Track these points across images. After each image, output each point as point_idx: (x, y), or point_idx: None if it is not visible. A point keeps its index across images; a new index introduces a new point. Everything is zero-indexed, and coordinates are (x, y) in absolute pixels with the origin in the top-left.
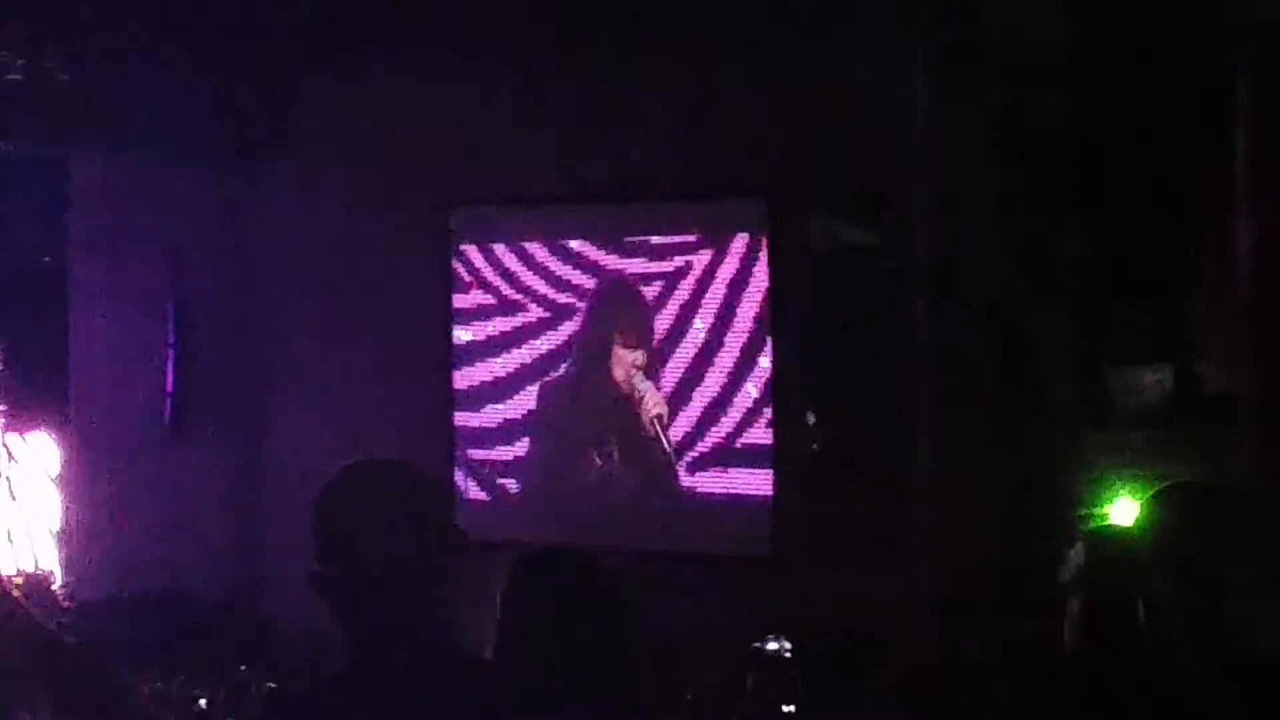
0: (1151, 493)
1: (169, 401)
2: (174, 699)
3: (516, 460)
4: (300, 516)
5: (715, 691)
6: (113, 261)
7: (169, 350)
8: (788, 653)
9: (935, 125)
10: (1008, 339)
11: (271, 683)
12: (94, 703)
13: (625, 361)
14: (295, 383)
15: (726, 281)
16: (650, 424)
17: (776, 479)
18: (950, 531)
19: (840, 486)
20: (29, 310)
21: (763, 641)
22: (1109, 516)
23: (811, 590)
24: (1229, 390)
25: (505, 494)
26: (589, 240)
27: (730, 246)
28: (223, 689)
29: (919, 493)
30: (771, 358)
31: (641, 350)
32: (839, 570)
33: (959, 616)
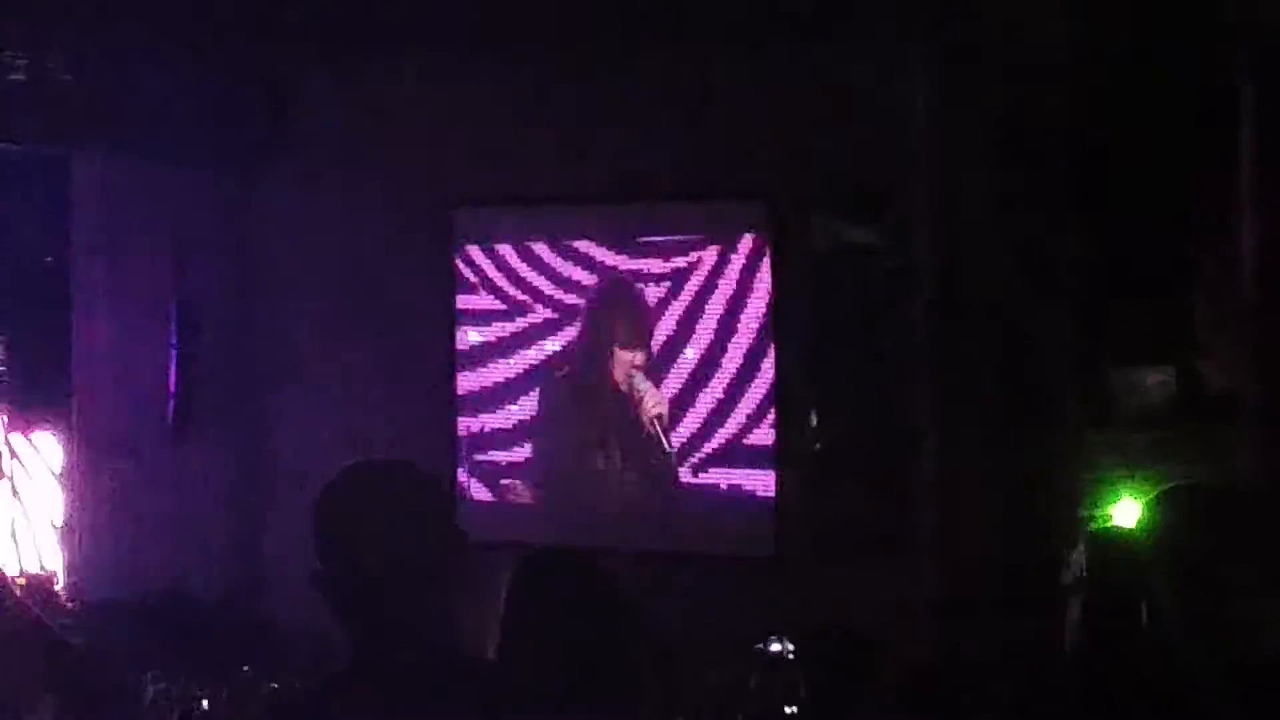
0: (1154, 494)
1: (171, 401)
2: (176, 699)
3: (520, 461)
4: (302, 517)
5: (717, 692)
6: (115, 262)
7: (171, 350)
8: (790, 654)
9: (936, 125)
10: (1009, 339)
11: (273, 683)
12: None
13: (625, 362)
14: (297, 383)
15: (728, 282)
16: (650, 424)
17: (779, 479)
18: (952, 532)
19: (842, 487)
20: (32, 310)
21: (765, 642)
22: (1111, 517)
23: (814, 591)
24: (1231, 390)
25: (509, 495)
26: (591, 240)
27: (732, 247)
28: (225, 689)
29: (921, 493)
30: (774, 358)
31: (641, 350)
32: (841, 571)
33: (961, 617)
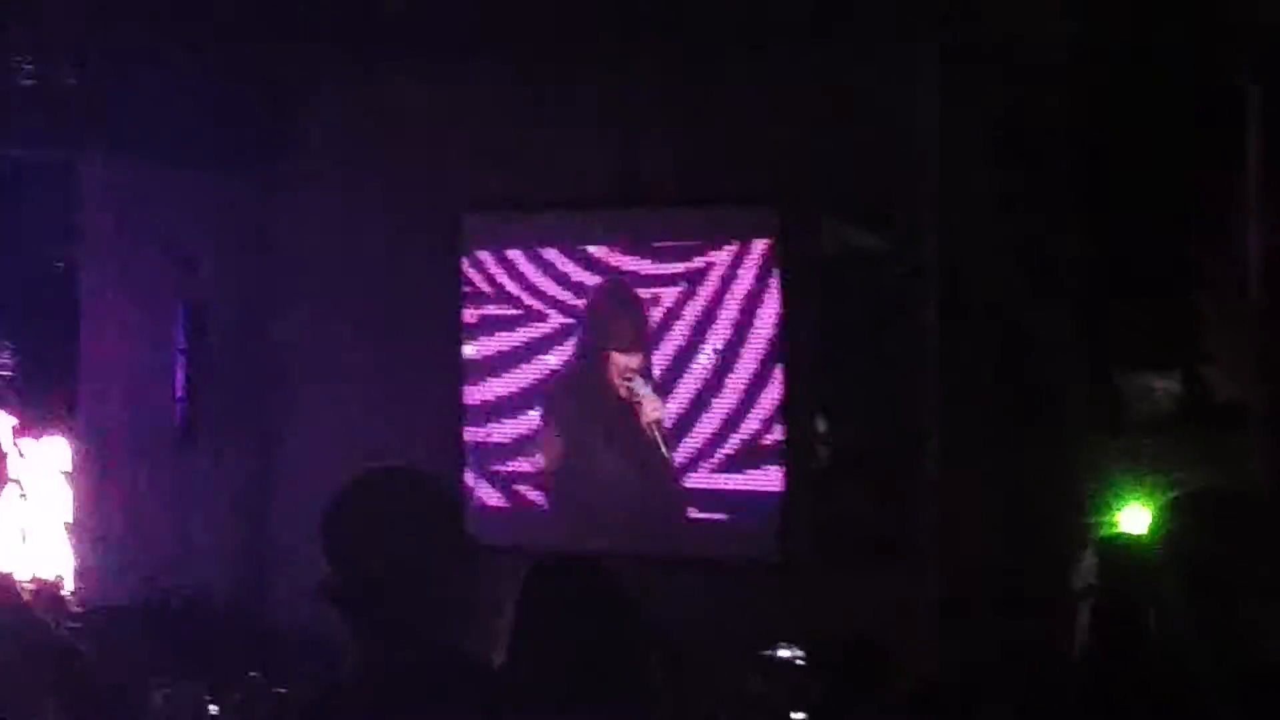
0: (1163, 499)
1: (179, 406)
2: (184, 705)
3: (526, 466)
4: (310, 522)
5: (725, 699)
6: (122, 266)
7: (179, 355)
8: (798, 660)
9: (943, 129)
10: (1017, 344)
11: (282, 688)
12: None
13: (621, 366)
14: (306, 388)
15: (736, 287)
16: (649, 429)
17: (786, 484)
18: (959, 537)
19: (850, 491)
20: (40, 315)
21: (773, 648)
22: (1120, 523)
23: (822, 597)
24: (1239, 396)
25: (515, 499)
26: (596, 245)
27: (740, 252)
28: (233, 694)
29: (929, 498)
30: (781, 362)
31: (638, 355)
32: (849, 576)
33: (969, 623)
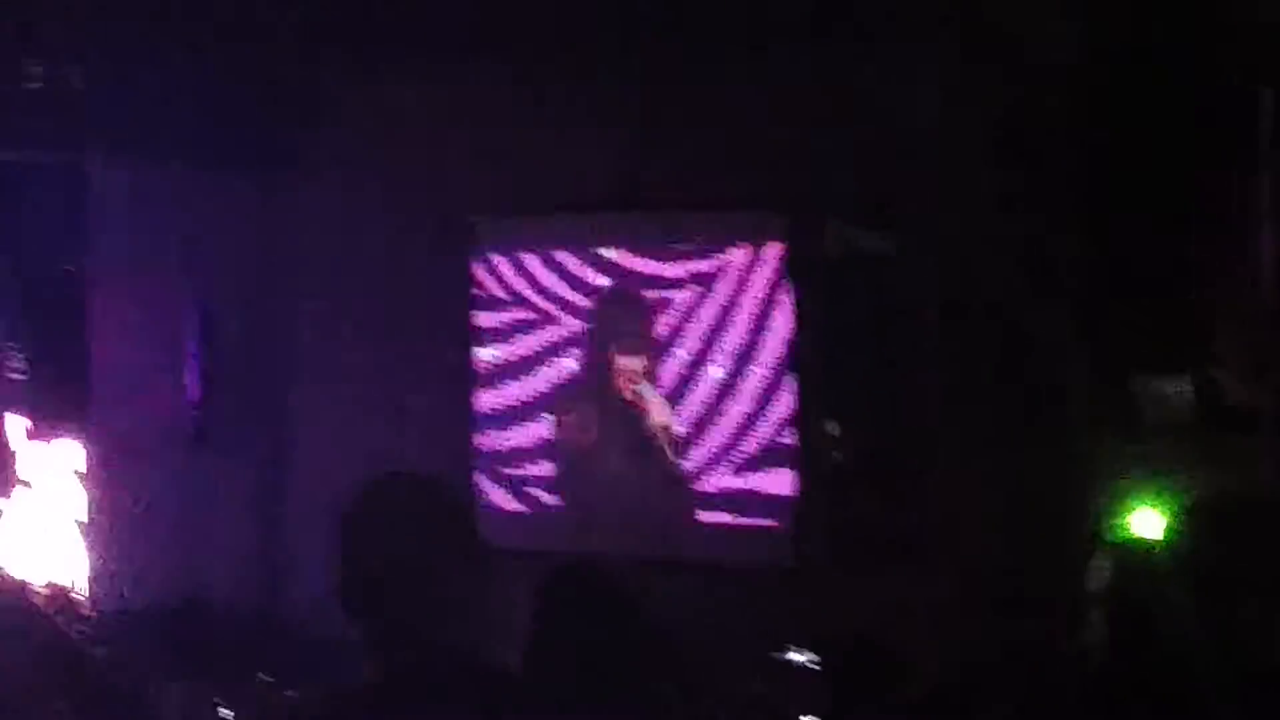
0: (1176, 503)
1: (191, 410)
2: (196, 708)
3: (536, 469)
4: (322, 525)
5: (735, 702)
6: (133, 269)
7: (191, 359)
8: (809, 664)
9: (948, 131)
10: (1027, 347)
11: (294, 691)
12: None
13: (626, 369)
14: (319, 392)
15: (745, 289)
16: (655, 432)
17: (798, 487)
18: (971, 541)
19: (862, 495)
20: (51, 319)
21: (783, 652)
22: (1131, 527)
23: (833, 600)
24: (1250, 399)
25: (526, 504)
26: (606, 248)
27: (750, 254)
28: (245, 699)
29: (940, 501)
30: (792, 366)
31: (644, 357)
32: (861, 580)
33: (980, 626)
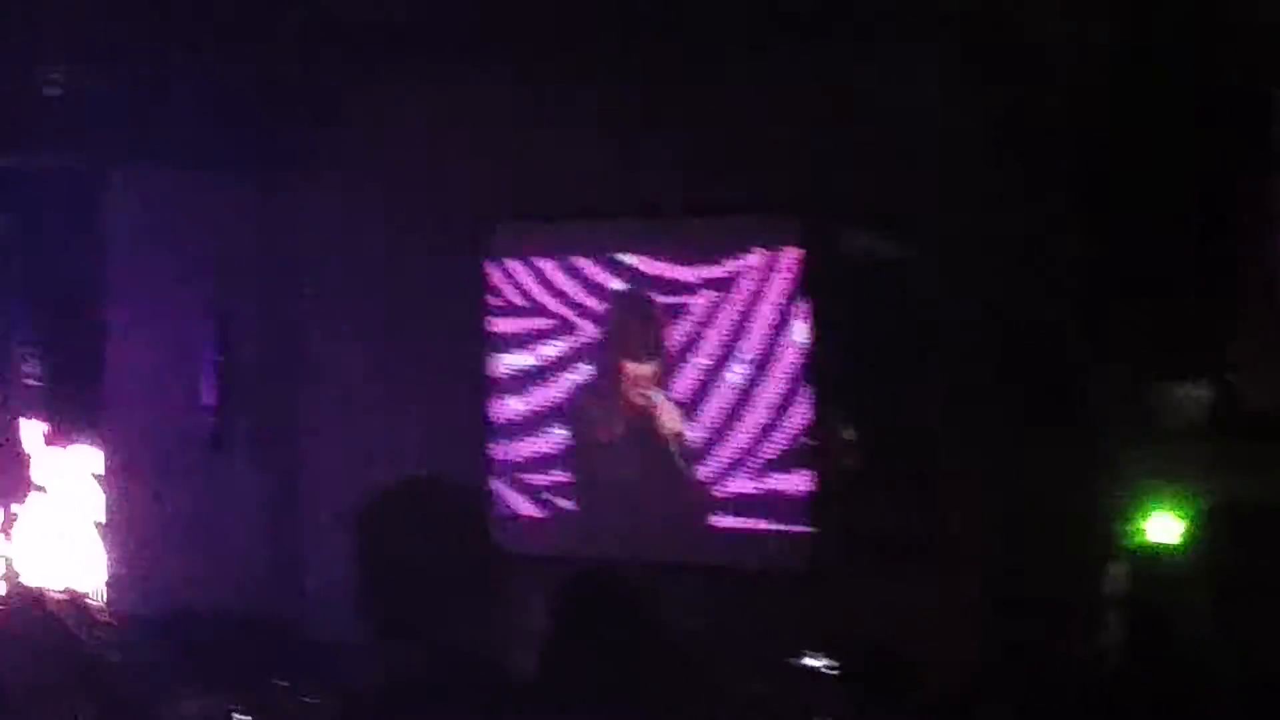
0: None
1: (209, 415)
2: (213, 714)
3: (551, 474)
4: (339, 530)
5: (749, 707)
6: (151, 275)
7: (208, 364)
8: (824, 668)
9: (964, 135)
10: (1046, 352)
11: (311, 698)
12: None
13: (636, 376)
14: (335, 397)
15: (761, 294)
16: (667, 438)
17: (812, 493)
18: (989, 546)
19: (878, 499)
20: (69, 325)
21: (799, 657)
22: (1150, 533)
23: (849, 605)
24: (1270, 405)
25: (541, 509)
26: (620, 253)
27: (765, 259)
28: (262, 705)
29: (957, 506)
30: (807, 370)
31: (653, 364)
32: (877, 585)
33: (997, 632)
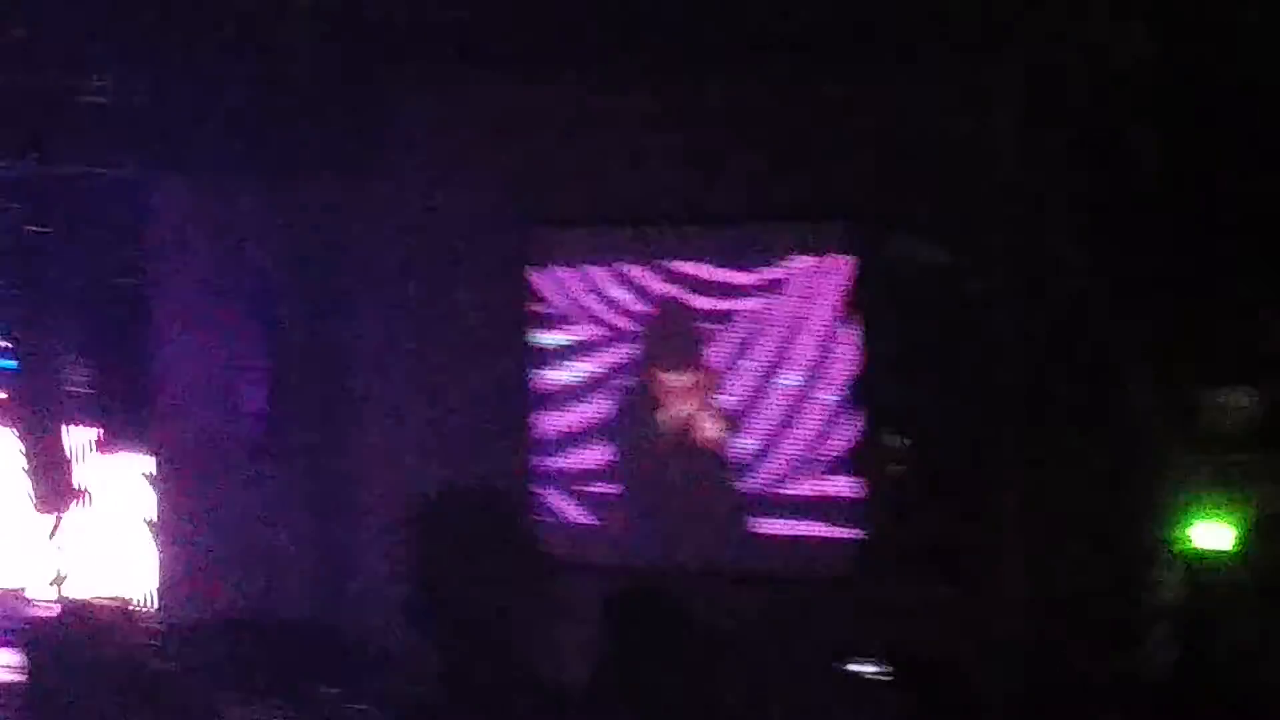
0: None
1: (255, 422)
2: None
3: (595, 483)
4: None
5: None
6: (197, 283)
7: (254, 371)
8: (872, 675)
9: (1019, 144)
10: (1095, 360)
11: (359, 705)
12: None
13: (674, 385)
14: (382, 404)
15: (808, 301)
16: (707, 446)
17: (860, 500)
18: (1037, 555)
19: (925, 507)
20: (115, 333)
21: (846, 662)
22: (1200, 542)
23: (895, 613)
24: None
25: (584, 517)
26: (665, 260)
27: (812, 266)
28: (309, 713)
29: (1006, 514)
30: (853, 378)
31: (694, 372)
32: (925, 593)
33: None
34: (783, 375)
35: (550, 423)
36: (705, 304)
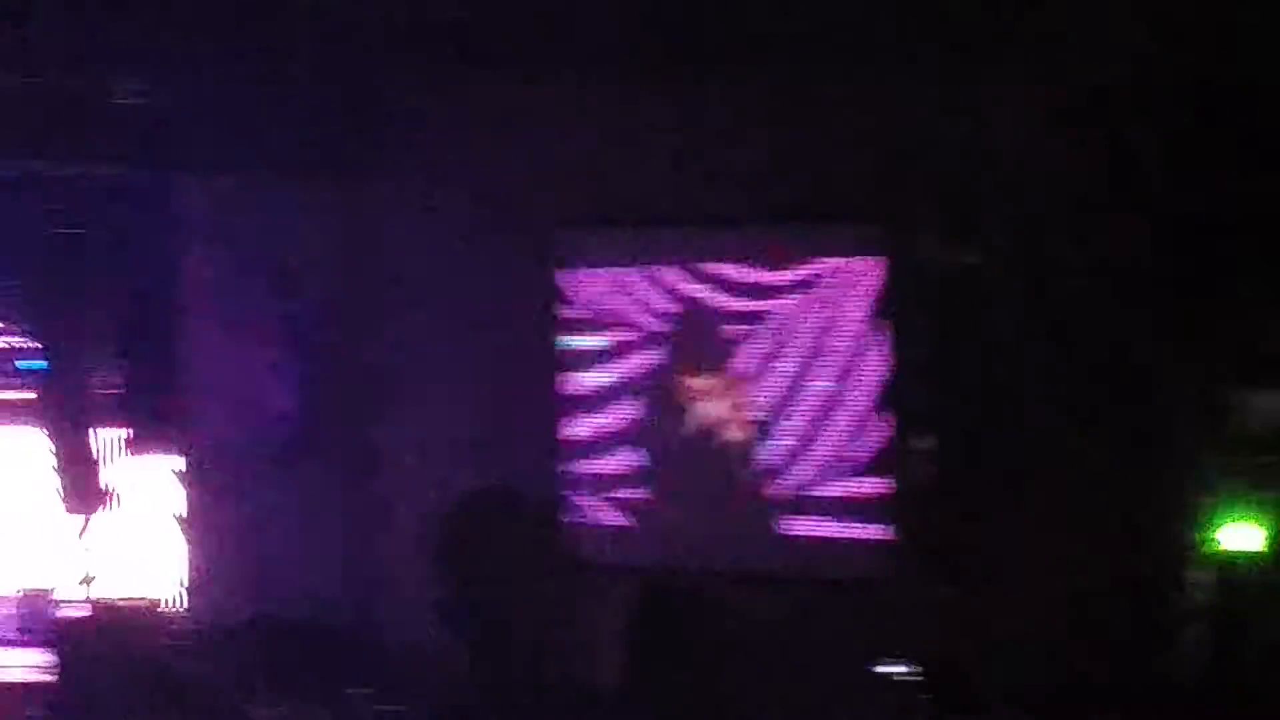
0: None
1: (284, 423)
2: None
3: (624, 485)
4: (415, 538)
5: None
6: (226, 284)
7: (283, 372)
8: (904, 677)
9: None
10: (1128, 360)
11: (390, 706)
12: None
13: (706, 387)
14: (412, 405)
15: (837, 302)
16: (731, 448)
17: (889, 501)
18: (1070, 556)
19: (956, 509)
20: (145, 335)
21: (879, 665)
22: (1233, 543)
23: (926, 615)
24: None
25: (613, 519)
26: (693, 262)
27: (841, 268)
28: (338, 713)
29: (1039, 516)
30: (885, 378)
31: (719, 375)
32: (957, 595)
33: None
34: (812, 377)
35: (580, 425)
36: (734, 305)
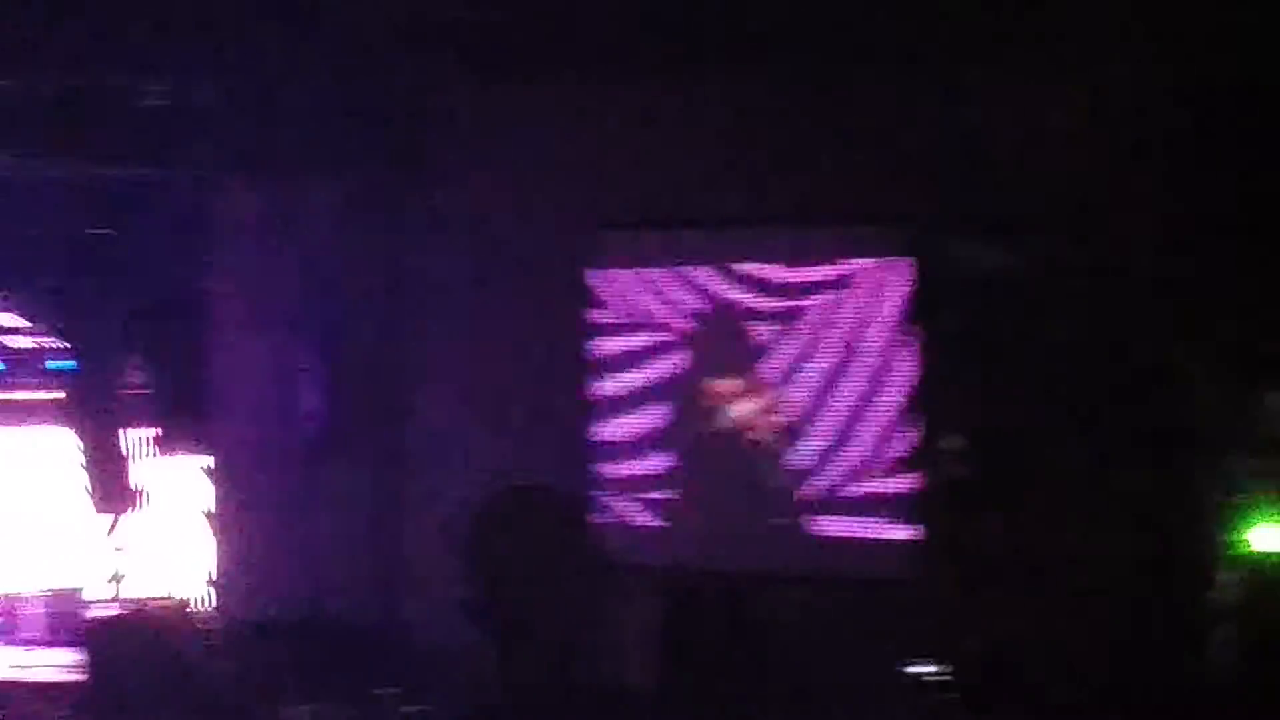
0: None
1: (312, 422)
2: None
3: (654, 485)
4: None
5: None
6: (255, 286)
7: (311, 371)
8: (932, 677)
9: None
10: (1156, 364)
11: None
12: None
13: (736, 388)
14: (439, 405)
15: (866, 304)
16: (760, 449)
17: (917, 502)
18: (1097, 557)
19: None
20: (175, 335)
21: (906, 665)
22: (1262, 544)
23: (954, 615)
24: None
25: (642, 520)
26: (723, 262)
27: (871, 269)
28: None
29: (1066, 518)
30: (912, 379)
31: (745, 378)
32: (982, 594)
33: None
34: (841, 377)
35: (611, 426)
36: (764, 306)
